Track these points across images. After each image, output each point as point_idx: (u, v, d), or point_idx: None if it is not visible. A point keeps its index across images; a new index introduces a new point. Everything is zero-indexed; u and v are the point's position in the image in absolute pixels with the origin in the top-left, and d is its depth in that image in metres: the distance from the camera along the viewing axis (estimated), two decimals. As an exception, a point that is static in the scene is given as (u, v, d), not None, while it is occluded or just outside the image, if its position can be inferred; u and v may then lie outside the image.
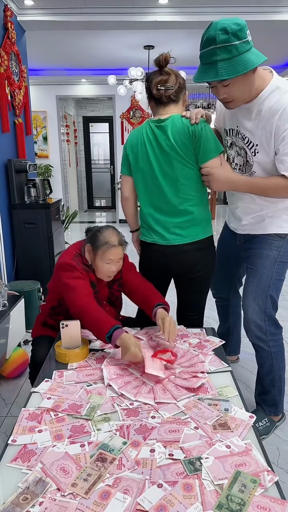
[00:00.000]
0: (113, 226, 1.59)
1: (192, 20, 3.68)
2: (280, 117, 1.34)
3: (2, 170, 3.16)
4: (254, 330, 1.68)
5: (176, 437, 1.02)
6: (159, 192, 1.61)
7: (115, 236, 1.52)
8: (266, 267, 1.62)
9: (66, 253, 1.59)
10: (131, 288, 1.67)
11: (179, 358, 1.40)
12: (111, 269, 1.53)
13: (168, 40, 4.67)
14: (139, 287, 1.66)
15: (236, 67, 1.27)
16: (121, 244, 1.53)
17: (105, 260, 1.51)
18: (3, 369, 2.18)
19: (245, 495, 0.83)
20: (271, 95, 1.36)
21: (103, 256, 1.50)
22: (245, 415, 1.10)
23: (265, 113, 1.38)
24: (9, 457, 0.96)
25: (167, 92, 1.53)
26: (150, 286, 1.65)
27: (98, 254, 1.51)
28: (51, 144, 6.86)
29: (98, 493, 0.85)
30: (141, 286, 1.66)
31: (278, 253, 1.61)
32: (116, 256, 1.51)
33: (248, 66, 1.28)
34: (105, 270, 1.53)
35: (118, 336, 1.34)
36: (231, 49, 1.26)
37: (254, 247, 1.67)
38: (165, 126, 1.52)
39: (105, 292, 1.66)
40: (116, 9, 3.61)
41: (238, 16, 1.36)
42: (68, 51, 5.21)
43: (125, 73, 5.42)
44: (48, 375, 1.33)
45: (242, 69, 1.28)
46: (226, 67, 1.28)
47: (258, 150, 1.45)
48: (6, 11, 3.23)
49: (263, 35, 4.56)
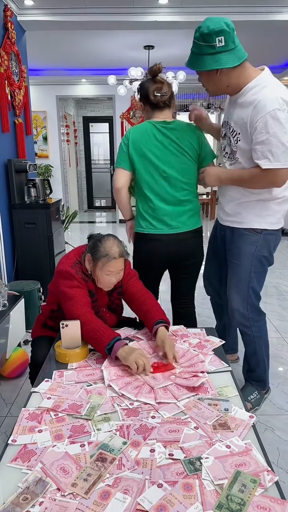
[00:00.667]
0: (115, 236, 1.55)
1: (192, 20, 3.68)
2: (254, 108, 1.47)
3: (2, 170, 3.16)
4: (238, 317, 1.84)
5: (176, 437, 1.02)
6: (165, 184, 1.79)
7: (115, 247, 1.49)
8: (245, 261, 1.74)
9: (66, 258, 1.58)
10: (131, 298, 1.65)
11: (179, 358, 1.40)
12: (111, 280, 1.51)
13: (168, 40, 4.66)
14: (139, 297, 1.63)
15: (197, 62, 1.49)
16: (122, 255, 1.50)
17: (105, 272, 1.48)
18: (3, 369, 2.18)
19: (245, 495, 0.83)
20: (253, 89, 1.51)
21: (103, 268, 1.47)
22: (245, 415, 1.10)
23: (244, 104, 1.53)
24: (9, 457, 0.97)
25: (163, 98, 1.76)
26: (150, 297, 1.64)
27: (98, 265, 1.48)
28: (51, 144, 6.86)
29: (98, 493, 0.85)
30: (142, 297, 1.63)
31: (255, 248, 1.71)
32: (116, 268, 1.49)
33: (203, 67, 1.48)
34: (105, 281, 1.51)
35: (119, 348, 1.33)
36: (198, 46, 1.47)
37: (234, 241, 1.77)
38: (173, 128, 1.75)
39: (104, 300, 1.64)
40: (116, 9, 3.61)
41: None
42: (68, 51, 5.21)
43: (125, 73, 5.41)
44: (48, 375, 1.33)
45: (199, 67, 1.50)
46: (191, 58, 1.51)
47: (240, 138, 1.58)
48: (6, 11, 3.23)
49: (263, 35, 4.56)
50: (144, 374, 1.30)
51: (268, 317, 2.98)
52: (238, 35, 1.48)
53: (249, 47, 5.49)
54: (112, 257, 1.46)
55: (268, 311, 3.10)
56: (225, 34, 1.41)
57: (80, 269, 1.54)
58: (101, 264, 1.47)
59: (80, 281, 1.51)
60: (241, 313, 1.81)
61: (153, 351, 1.46)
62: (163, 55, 5.23)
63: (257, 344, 1.87)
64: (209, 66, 1.46)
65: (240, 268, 1.76)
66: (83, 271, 1.54)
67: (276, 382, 2.16)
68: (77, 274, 1.52)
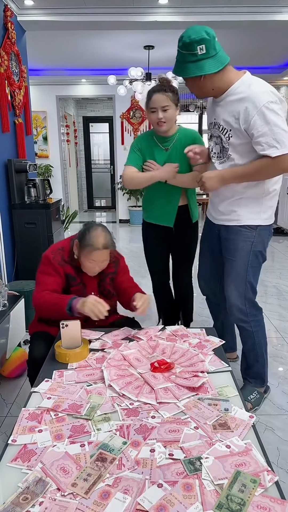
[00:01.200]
0: (104, 227, 1.62)
1: (192, 20, 3.68)
2: (246, 104, 1.53)
3: (2, 170, 3.16)
4: (236, 313, 1.86)
5: (176, 437, 1.02)
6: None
7: (101, 238, 1.55)
8: (242, 257, 1.78)
9: (53, 245, 1.70)
10: (120, 288, 1.76)
11: (179, 358, 1.40)
12: (94, 268, 1.61)
13: (168, 40, 4.66)
14: (127, 288, 1.75)
15: (181, 70, 1.56)
16: (106, 247, 1.56)
17: (88, 260, 1.57)
18: (3, 369, 2.18)
19: (245, 495, 0.83)
20: (239, 88, 1.58)
21: (87, 256, 1.56)
22: (245, 415, 1.10)
23: (233, 102, 1.59)
24: (9, 457, 0.97)
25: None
26: (138, 289, 1.76)
27: (83, 252, 1.57)
28: (51, 144, 6.86)
29: (98, 493, 0.85)
30: (129, 287, 1.75)
31: (251, 244, 1.76)
32: (99, 258, 1.57)
33: (187, 74, 1.55)
34: (87, 267, 1.61)
35: (76, 304, 1.47)
36: (181, 54, 1.54)
37: (230, 238, 1.80)
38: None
39: (93, 284, 1.70)
40: (116, 9, 3.61)
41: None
42: (68, 51, 5.21)
43: (125, 73, 5.41)
44: (48, 375, 1.33)
45: (184, 74, 1.57)
46: (176, 65, 1.59)
47: (232, 134, 1.62)
48: (6, 11, 3.23)
49: (263, 35, 4.56)
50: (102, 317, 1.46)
51: (268, 317, 3.00)
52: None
53: (249, 47, 5.54)
54: (96, 248, 1.54)
55: (268, 311, 3.10)
56: (206, 42, 1.48)
57: (60, 255, 1.64)
58: (85, 252, 1.56)
59: (55, 267, 1.62)
60: (240, 308, 1.84)
61: (153, 351, 1.46)
62: (163, 55, 5.23)
63: (255, 338, 1.90)
64: (193, 73, 1.54)
65: (237, 264, 1.80)
66: (63, 258, 1.64)
67: (276, 382, 2.16)
68: (54, 259, 1.63)
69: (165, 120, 1.99)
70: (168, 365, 1.33)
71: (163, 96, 1.95)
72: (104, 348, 1.51)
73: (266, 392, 2.02)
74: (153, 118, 2.02)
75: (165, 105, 1.96)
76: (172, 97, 1.97)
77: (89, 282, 1.69)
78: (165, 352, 1.45)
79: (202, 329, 1.67)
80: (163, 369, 1.32)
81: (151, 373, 1.31)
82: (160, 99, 1.95)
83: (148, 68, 5.16)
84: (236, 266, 1.80)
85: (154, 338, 1.56)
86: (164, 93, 1.96)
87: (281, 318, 3.01)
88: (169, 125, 2.04)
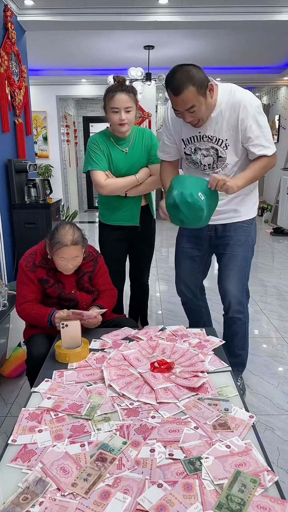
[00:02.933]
0: (73, 224, 1.65)
1: (192, 20, 3.68)
2: (241, 111, 1.57)
3: (2, 170, 3.16)
4: (236, 306, 1.89)
5: (176, 437, 1.02)
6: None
7: (69, 235, 1.57)
8: (244, 251, 1.85)
9: (28, 251, 1.73)
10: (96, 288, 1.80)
11: (179, 358, 1.40)
12: (66, 265, 1.61)
13: (168, 40, 4.67)
14: (101, 292, 1.81)
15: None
16: (76, 243, 1.58)
17: (59, 257, 1.59)
18: (3, 369, 2.18)
19: (245, 495, 0.83)
20: (224, 98, 1.59)
21: (57, 253, 1.58)
22: (245, 415, 1.10)
23: (226, 112, 1.59)
24: (9, 457, 0.97)
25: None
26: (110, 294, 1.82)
27: (53, 251, 1.58)
28: (51, 144, 6.86)
29: (98, 493, 0.85)
30: (103, 291, 1.81)
31: (251, 238, 1.86)
32: (69, 255, 1.58)
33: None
34: (60, 265, 1.62)
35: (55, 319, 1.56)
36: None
37: (232, 235, 1.84)
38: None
39: (71, 282, 1.71)
40: (116, 9, 3.61)
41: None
42: (68, 51, 5.21)
43: (125, 73, 5.41)
44: (48, 375, 1.33)
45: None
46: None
47: (228, 143, 1.65)
48: (6, 11, 3.23)
49: (263, 35, 4.56)
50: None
51: (268, 317, 3.00)
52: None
53: (249, 47, 5.53)
54: (64, 244, 1.56)
55: (268, 311, 3.11)
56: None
57: (32, 260, 1.67)
58: (55, 249, 1.57)
59: (26, 273, 1.66)
60: (239, 301, 1.89)
61: (153, 351, 1.46)
62: (163, 55, 5.23)
63: (246, 327, 1.99)
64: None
65: (240, 258, 1.85)
66: (34, 262, 1.67)
67: (276, 382, 2.16)
68: (26, 266, 1.67)
69: (127, 121, 1.94)
70: (168, 365, 1.33)
71: (126, 96, 1.90)
72: (104, 348, 1.51)
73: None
74: (114, 119, 1.94)
75: (128, 106, 1.91)
76: (134, 98, 1.94)
77: (66, 281, 1.70)
78: (165, 352, 1.45)
79: (202, 329, 1.67)
80: (163, 369, 1.32)
81: (151, 373, 1.31)
82: (123, 100, 1.89)
83: (148, 68, 5.16)
84: (238, 259, 1.85)
85: (154, 338, 1.57)
86: (127, 94, 1.90)
87: (281, 318, 3.01)
88: (130, 126, 2.00)
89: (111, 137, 2.06)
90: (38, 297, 1.69)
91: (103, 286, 1.82)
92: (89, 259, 1.75)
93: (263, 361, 2.38)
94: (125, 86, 1.92)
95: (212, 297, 2.52)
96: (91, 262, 1.76)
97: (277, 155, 1.71)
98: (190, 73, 1.46)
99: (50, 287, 1.68)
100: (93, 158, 2.03)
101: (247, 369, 2.26)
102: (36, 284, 1.67)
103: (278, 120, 7.04)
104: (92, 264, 1.76)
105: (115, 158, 2.04)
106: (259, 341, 2.63)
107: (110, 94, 1.91)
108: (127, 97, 1.90)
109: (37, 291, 1.68)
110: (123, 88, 1.90)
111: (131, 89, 1.93)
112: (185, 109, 1.52)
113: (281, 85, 6.75)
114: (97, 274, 1.79)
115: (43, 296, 1.71)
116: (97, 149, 2.03)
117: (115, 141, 2.05)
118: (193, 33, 4.41)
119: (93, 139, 2.08)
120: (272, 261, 4.63)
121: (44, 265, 1.67)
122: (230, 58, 5.57)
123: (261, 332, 2.77)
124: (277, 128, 7.08)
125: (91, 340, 1.56)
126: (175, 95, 1.49)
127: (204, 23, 3.73)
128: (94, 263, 1.77)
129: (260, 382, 2.16)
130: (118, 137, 2.04)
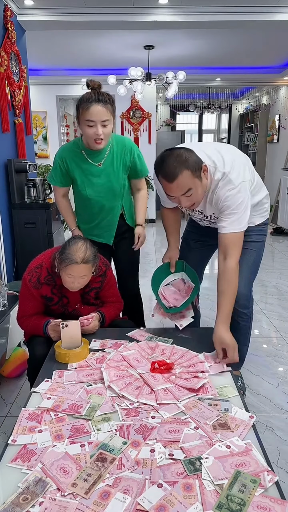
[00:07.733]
0: (86, 240, 1.55)
1: (192, 20, 3.68)
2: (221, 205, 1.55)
3: (2, 170, 3.16)
4: (244, 301, 1.83)
5: (176, 437, 1.02)
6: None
7: (80, 252, 1.47)
8: (260, 250, 1.89)
9: (33, 261, 1.64)
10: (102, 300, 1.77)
11: (178, 358, 1.40)
12: (73, 283, 1.51)
13: (168, 40, 4.67)
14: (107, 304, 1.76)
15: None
16: (86, 262, 1.48)
17: (66, 274, 1.49)
18: (3, 369, 2.18)
19: (245, 495, 0.83)
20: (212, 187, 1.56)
21: (65, 270, 1.48)
22: (245, 415, 1.10)
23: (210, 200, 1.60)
24: (9, 457, 0.97)
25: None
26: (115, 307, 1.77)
27: (61, 266, 1.49)
28: (51, 144, 6.85)
29: (98, 493, 0.85)
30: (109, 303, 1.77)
31: (265, 237, 1.92)
32: (77, 273, 1.48)
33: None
34: (66, 282, 1.52)
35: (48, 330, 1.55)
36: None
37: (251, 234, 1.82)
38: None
39: (76, 298, 1.65)
40: (116, 9, 3.61)
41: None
42: (68, 51, 5.21)
43: (125, 73, 5.41)
44: (48, 375, 1.33)
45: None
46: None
47: (216, 216, 1.65)
48: (6, 11, 3.23)
49: (263, 35, 4.56)
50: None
51: (268, 317, 3.00)
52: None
53: (249, 47, 5.53)
54: (73, 261, 1.46)
55: (268, 311, 3.11)
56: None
57: (37, 275, 1.58)
58: (64, 265, 1.48)
59: (30, 289, 1.58)
60: (247, 296, 1.86)
61: (152, 352, 1.46)
62: (163, 55, 5.23)
63: (250, 322, 1.96)
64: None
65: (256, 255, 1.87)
66: (38, 278, 1.58)
67: (276, 382, 2.16)
68: (30, 281, 1.57)
69: (103, 136, 1.74)
70: (168, 365, 1.33)
71: (103, 108, 1.68)
72: (104, 348, 1.51)
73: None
74: (89, 133, 1.73)
75: (105, 119, 1.70)
76: (112, 109, 1.74)
77: (71, 295, 1.63)
78: (165, 352, 1.45)
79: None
80: (163, 370, 1.32)
81: (150, 374, 1.31)
82: (100, 112, 1.68)
83: (148, 68, 5.15)
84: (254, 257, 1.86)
85: (154, 338, 1.56)
86: (104, 105, 1.69)
87: (281, 318, 3.01)
88: (106, 142, 1.79)
89: (83, 149, 1.86)
90: (39, 311, 1.64)
91: (110, 298, 1.76)
92: (98, 275, 1.65)
93: (263, 361, 2.38)
94: (102, 95, 1.71)
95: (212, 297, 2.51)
96: (100, 278, 1.67)
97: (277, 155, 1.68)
98: (182, 157, 1.41)
99: (53, 305, 1.63)
100: (52, 174, 1.95)
101: (247, 369, 2.26)
102: (39, 300, 1.61)
103: (278, 120, 7.04)
104: (100, 280, 1.67)
105: (87, 173, 1.87)
106: (259, 341, 2.63)
107: (84, 104, 1.70)
108: (103, 109, 1.69)
109: (39, 305, 1.63)
110: (99, 98, 1.69)
111: (108, 99, 1.72)
112: (181, 194, 1.47)
113: (281, 85, 6.75)
114: (104, 288, 1.71)
115: (46, 308, 1.66)
116: (59, 166, 1.90)
117: (87, 154, 1.86)
118: (193, 33, 4.41)
119: (60, 155, 1.90)
120: (272, 261, 4.63)
121: (50, 281, 1.58)
122: (230, 58, 5.57)
123: (261, 332, 2.77)
124: (277, 128, 7.07)
125: (91, 340, 1.56)
126: (169, 182, 1.43)
127: (204, 23, 3.73)
128: (102, 278, 1.68)
129: (260, 382, 2.16)
130: (91, 150, 1.85)
